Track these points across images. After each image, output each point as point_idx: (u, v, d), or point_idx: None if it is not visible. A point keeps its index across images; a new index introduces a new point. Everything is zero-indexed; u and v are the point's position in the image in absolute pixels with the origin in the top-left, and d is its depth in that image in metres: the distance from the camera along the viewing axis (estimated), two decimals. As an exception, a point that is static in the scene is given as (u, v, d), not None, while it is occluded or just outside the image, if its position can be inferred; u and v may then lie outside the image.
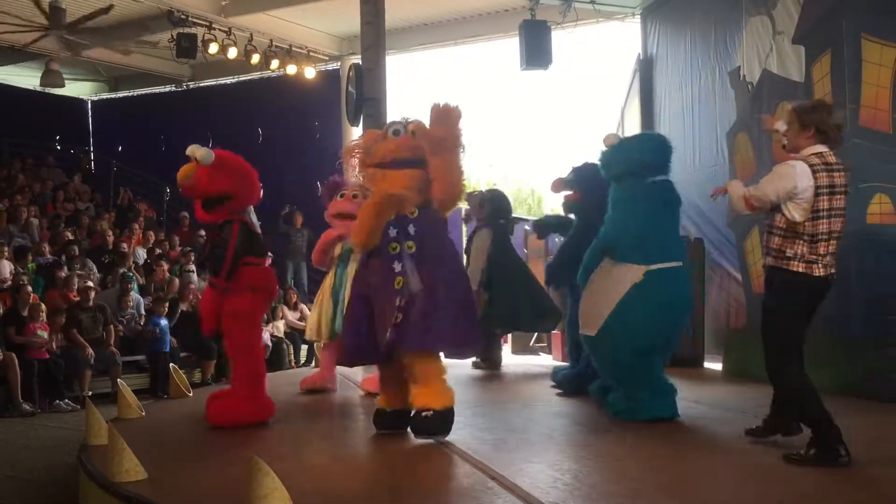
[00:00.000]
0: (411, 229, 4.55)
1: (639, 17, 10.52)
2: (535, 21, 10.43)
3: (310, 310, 12.32)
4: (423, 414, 4.46)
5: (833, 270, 4.03)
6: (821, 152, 3.99)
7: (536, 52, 10.40)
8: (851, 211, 5.93)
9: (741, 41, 7.74)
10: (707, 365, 7.81)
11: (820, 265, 3.98)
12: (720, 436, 4.74)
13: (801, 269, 3.98)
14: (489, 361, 8.03)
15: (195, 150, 5.17)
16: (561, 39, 10.87)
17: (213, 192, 5.18)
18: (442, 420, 4.46)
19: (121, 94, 17.51)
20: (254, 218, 5.46)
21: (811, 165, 3.95)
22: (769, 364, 4.10)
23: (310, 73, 13.77)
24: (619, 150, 5.46)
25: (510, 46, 11.35)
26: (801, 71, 6.75)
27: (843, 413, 4.06)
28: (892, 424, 5.04)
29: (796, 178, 3.93)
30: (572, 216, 6.63)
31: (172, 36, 12.42)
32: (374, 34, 9.92)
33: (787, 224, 4.03)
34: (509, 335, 9.57)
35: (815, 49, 6.54)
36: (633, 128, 10.52)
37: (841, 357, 5.98)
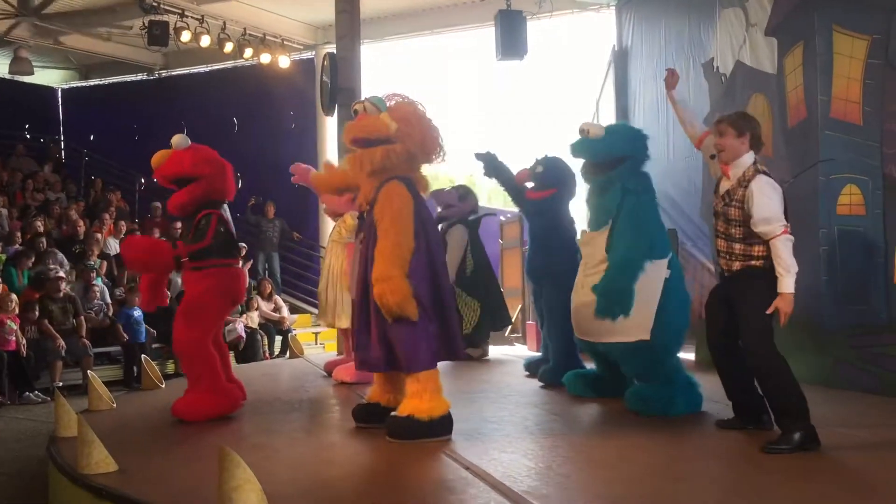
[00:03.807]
0: (362, 231, 4.50)
1: (613, 8, 10.54)
2: (511, 11, 10.42)
3: (283, 301, 12.43)
4: (392, 414, 4.41)
5: None
6: (759, 161, 4.25)
7: (512, 42, 10.40)
8: (822, 203, 6.05)
9: (715, 33, 7.78)
10: (679, 355, 7.86)
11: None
12: (692, 425, 4.77)
13: (769, 266, 4.15)
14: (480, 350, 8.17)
15: (173, 138, 5.28)
16: (537, 30, 10.89)
17: (175, 172, 5.17)
18: (397, 426, 4.32)
19: (92, 83, 17.28)
20: (227, 216, 5.39)
21: (769, 176, 4.19)
22: (759, 352, 4.14)
23: (284, 62, 13.66)
24: (614, 139, 5.27)
25: (486, 36, 11.34)
26: (773, 62, 6.80)
27: (813, 402, 4.12)
28: (861, 413, 5.11)
29: (778, 190, 4.15)
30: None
31: (144, 23, 12.27)
32: (349, 23, 9.88)
33: (744, 233, 4.21)
34: None
35: (788, 41, 6.59)
36: (608, 119, 10.55)
37: (811, 347, 6.05)
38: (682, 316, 5.17)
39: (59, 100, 17.54)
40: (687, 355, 7.69)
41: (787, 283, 4.05)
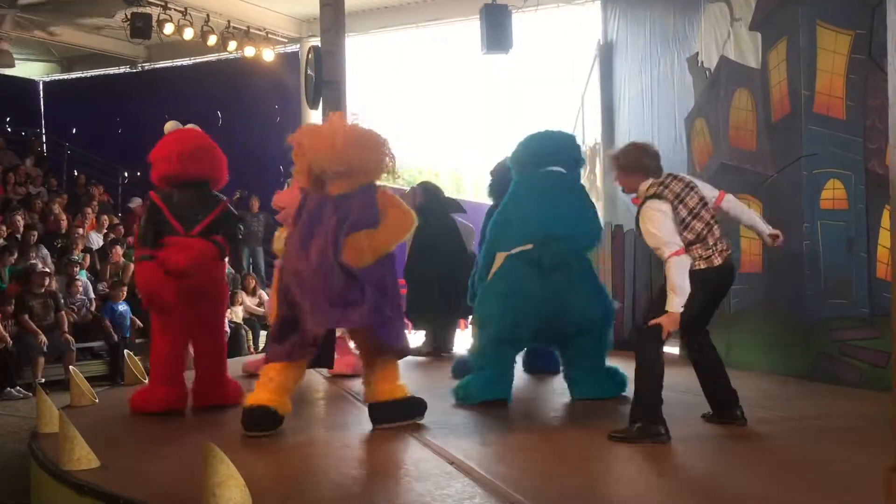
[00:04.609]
0: None
1: (599, 1, 10.54)
2: (496, 5, 10.42)
3: (267, 295, 12.37)
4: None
5: (729, 252, 4.36)
6: (653, 183, 4.35)
7: (497, 35, 10.39)
8: (805, 197, 6.09)
9: (699, 27, 7.79)
10: (664, 349, 7.88)
11: (716, 255, 4.30)
12: (677, 419, 4.76)
13: (703, 266, 4.26)
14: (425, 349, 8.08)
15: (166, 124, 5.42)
16: (522, 24, 10.88)
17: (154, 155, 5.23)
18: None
19: (74, 75, 17.12)
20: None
21: (657, 197, 4.27)
22: (643, 340, 4.32)
23: (268, 55, 13.59)
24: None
25: (471, 30, 11.31)
26: (757, 57, 6.82)
27: (795, 394, 4.15)
28: (841, 406, 5.14)
29: (664, 212, 4.23)
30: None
31: (126, 15, 12.16)
32: (334, 16, 9.82)
33: None
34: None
35: (772, 36, 6.61)
36: (593, 113, 10.56)
37: (794, 340, 6.09)
38: (489, 305, 5.33)
39: (41, 92, 17.37)
40: (671, 349, 7.77)
41: (674, 303, 4.13)
